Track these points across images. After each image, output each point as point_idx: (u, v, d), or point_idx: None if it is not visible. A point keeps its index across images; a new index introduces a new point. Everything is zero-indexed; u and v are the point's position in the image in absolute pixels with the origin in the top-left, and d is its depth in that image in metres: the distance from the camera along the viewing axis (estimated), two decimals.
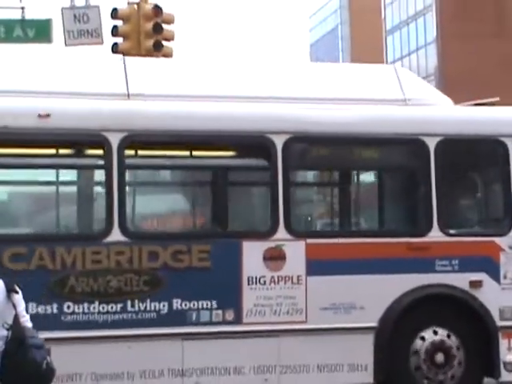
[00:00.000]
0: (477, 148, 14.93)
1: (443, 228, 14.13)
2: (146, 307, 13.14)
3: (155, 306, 13.16)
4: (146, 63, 15.31)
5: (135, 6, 23.70)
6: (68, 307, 12.91)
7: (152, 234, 14.09)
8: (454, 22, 61.70)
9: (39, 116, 12.96)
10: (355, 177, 15.52)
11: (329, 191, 15.41)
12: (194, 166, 14.83)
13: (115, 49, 23.91)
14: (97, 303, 12.97)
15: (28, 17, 23.80)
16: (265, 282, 13.46)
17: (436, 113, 14.90)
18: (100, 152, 13.36)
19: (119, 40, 23.83)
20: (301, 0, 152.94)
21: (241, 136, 13.82)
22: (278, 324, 13.49)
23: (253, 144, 14.00)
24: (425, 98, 14.97)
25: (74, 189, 14.85)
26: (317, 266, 13.59)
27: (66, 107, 13.28)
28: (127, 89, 13.86)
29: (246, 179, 15.53)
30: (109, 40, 23.83)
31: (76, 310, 12.92)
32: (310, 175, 15.21)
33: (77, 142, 13.62)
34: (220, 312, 13.36)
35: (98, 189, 13.75)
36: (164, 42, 23.62)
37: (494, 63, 55.42)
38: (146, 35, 23.22)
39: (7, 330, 8.13)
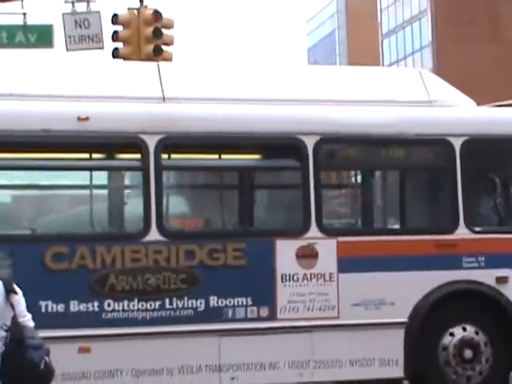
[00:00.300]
0: (500, 147, 14.74)
1: (469, 225, 13.92)
2: (183, 304, 12.94)
3: (192, 304, 12.96)
4: (180, 68, 15.04)
5: (135, 12, 23.50)
6: (108, 305, 12.71)
7: (188, 233, 13.85)
8: (448, 26, 61.72)
9: (79, 119, 12.79)
10: (384, 176, 15.28)
11: (358, 190, 15.21)
12: (228, 166, 14.70)
13: (116, 54, 23.73)
14: (136, 301, 12.78)
15: (30, 22, 23.57)
16: (298, 279, 13.26)
17: (461, 114, 14.71)
18: (137, 154, 13.17)
19: (120, 45, 23.65)
20: (298, 5, 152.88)
21: (273, 137, 13.61)
22: (311, 320, 13.28)
23: (285, 145, 13.79)
24: (449, 99, 14.78)
25: (112, 190, 14.60)
26: (348, 263, 13.41)
27: (104, 110, 13.11)
28: (162, 92, 13.67)
29: (278, 179, 15.40)
30: (109, 45, 23.66)
31: (116, 308, 12.72)
32: (340, 175, 15.04)
33: (115, 144, 13.44)
34: (255, 309, 13.17)
35: (136, 190, 13.54)
36: (164, 47, 23.45)
37: (488, 66, 55.34)
38: (146, 40, 23.04)
39: (6, 331, 8.06)
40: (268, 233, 13.71)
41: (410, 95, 14.55)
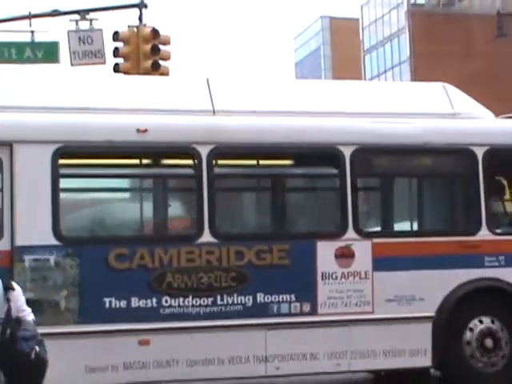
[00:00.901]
0: None
1: (491, 228, 13.84)
2: (233, 301, 12.83)
3: (241, 300, 12.85)
4: (228, 82, 14.86)
5: (135, 29, 23.28)
6: (166, 301, 12.57)
7: (238, 235, 13.60)
8: (424, 43, 61.81)
9: (138, 131, 12.66)
10: (413, 183, 15.05)
11: (391, 196, 15.00)
12: (273, 174, 14.50)
13: (116, 68, 23.46)
14: (190, 297, 12.66)
15: (37, 39, 23.35)
16: (336, 277, 13.16)
17: (482, 125, 14.61)
18: (191, 162, 13.05)
19: (120, 60, 23.35)
20: (286, 23, 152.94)
21: (313, 147, 13.51)
22: (348, 314, 13.18)
23: (324, 154, 13.72)
24: (471, 111, 14.70)
25: (168, 196, 14.54)
26: (382, 262, 13.30)
27: (161, 123, 12.97)
28: (212, 106, 13.53)
29: (318, 186, 15.28)
30: (111, 60, 23.46)
31: (172, 304, 12.59)
32: (374, 182, 14.83)
33: (170, 153, 13.40)
34: (298, 304, 13.04)
35: (190, 195, 13.35)
36: (161, 62, 23.15)
37: (461, 80, 55.02)
38: (145, 56, 22.82)
39: (0, 324, 7.98)
40: (309, 235, 13.56)
41: (437, 108, 14.43)
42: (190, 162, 13.07)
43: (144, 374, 12.44)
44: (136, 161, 13.62)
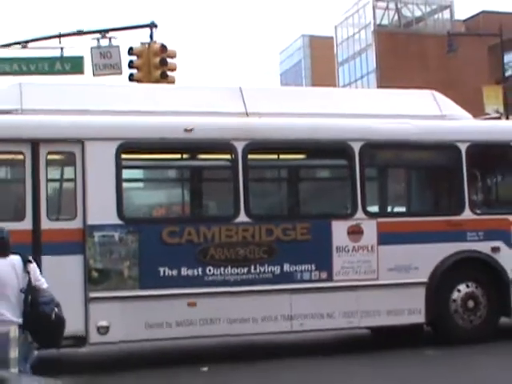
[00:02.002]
0: (495, 150, 14.56)
1: (472, 209, 13.82)
2: (264, 270, 12.74)
3: (271, 269, 12.76)
4: (257, 90, 14.83)
5: (146, 45, 23.01)
6: (209, 270, 12.51)
7: (268, 216, 13.49)
8: (388, 58, 61.66)
9: (185, 130, 12.56)
10: (409, 172, 14.91)
11: (392, 183, 15.19)
12: (296, 165, 14.45)
13: (131, 78, 23.16)
14: (229, 267, 12.60)
15: (65, 54, 23.25)
16: (348, 250, 13.09)
17: (465, 124, 14.57)
18: (229, 156, 13.00)
19: (134, 71, 23.01)
20: (273, 40, 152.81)
21: (329, 143, 13.44)
22: (357, 281, 13.10)
23: (338, 149, 13.60)
24: (455, 113, 14.72)
25: (210, 183, 14.61)
26: (385, 237, 13.23)
27: (205, 123, 12.84)
28: (245, 109, 13.46)
29: (333, 175, 15.23)
30: (126, 71, 23.17)
31: (215, 273, 12.53)
32: (378, 171, 14.74)
33: (212, 148, 13.22)
34: (317, 273, 12.97)
35: (228, 183, 13.13)
36: (169, 72, 22.86)
37: (418, 88, 55.20)
38: (155, 67, 22.55)
39: (23, 292, 7.96)
40: (326, 215, 13.44)
41: (427, 111, 14.36)
42: (228, 155, 13.02)
43: (191, 330, 12.39)
44: (184, 154, 13.66)
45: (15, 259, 8.24)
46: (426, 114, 14.16)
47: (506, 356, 12.35)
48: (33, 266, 8.28)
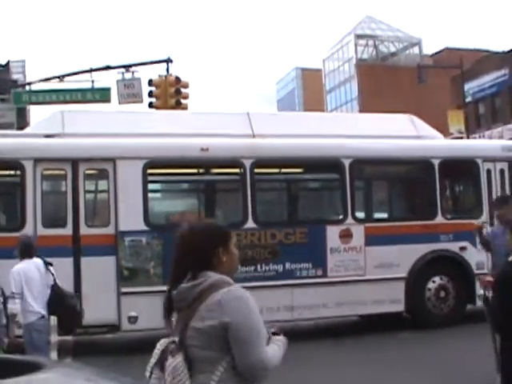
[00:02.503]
0: (462, 165, 14.47)
1: (444, 215, 13.77)
2: (269, 268, 12.67)
3: (275, 268, 12.69)
4: (262, 115, 14.81)
5: (163, 77, 22.74)
6: None
7: (271, 222, 13.39)
8: (368, 86, 61.63)
9: (202, 149, 12.46)
10: (391, 184, 14.88)
11: (378, 193, 15.09)
12: (296, 178, 14.36)
13: (151, 105, 22.86)
14: (239, 266, 12.24)
15: (95, 86, 23.10)
16: (340, 250, 13.00)
17: (437, 143, 14.55)
18: (239, 171, 12.91)
19: (153, 99, 22.82)
20: (270, 72, 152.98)
21: (324, 159, 13.38)
22: (348, 276, 13.00)
23: (331, 164, 13.51)
24: (429, 134, 14.68)
25: (222, 195, 14.55)
26: (371, 239, 13.13)
27: (218, 143, 12.74)
28: (252, 131, 13.36)
29: (327, 186, 15.10)
30: (146, 100, 22.97)
31: None
32: (365, 183, 14.51)
33: (224, 165, 13.21)
34: (314, 270, 12.88)
35: (238, 194, 13.09)
36: (182, 100, 22.66)
37: (392, 112, 55.23)
38: (171, 96, 22.27)
39: (51, 288, 8.29)
40: (321, 221, 13.41)
41: (406, 132, 14.25)
42: (238, 170, 12.94)
43: None
44: (200, 170, 13.54)
45: (38, 261, 8.39)
46: (404, 134, 14.07)
47: (471, 338, 12.24)
48: (52, 268, 8.47)
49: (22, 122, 31.23)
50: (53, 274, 8.35)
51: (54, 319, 8.53)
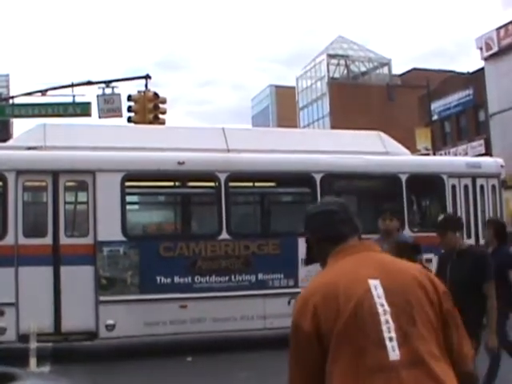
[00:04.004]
0: (429, 180, 14.54)
1: (410, 228, 13.66)
2: (242, 278, 12.68)
3: (248, 278, 12.70)
4: (236, 130, 14.75)
5: (142, 93, 22.74)
6: (197, 279, 12.43)
7: (245, 234, 13.36)
8: (339, 104, 61.92)
9: (178, 163, 12.47)
10: (361, 197, 14.82)
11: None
12: (269, 192, 14.33)
13: (130, 120, 22.80)
14: (214, 276, 12.52)
15: (76, 100, 23.10)
16: None
17: (404, 159, 14.65)
18: (213, 184, 12.92)
19: (132, 114, 22.77)
20: (246, 89, 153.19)
21: (296, 174, 13.40)
22: None
23: (303, 179, 13.52)
24: (397, 150, 14.78)
25: (198, 207, 14.46)
26: None
27: (194, 157, 12.76)
28: (227, 146, 13.43)
29: (298, 199, 14.96)
30: (125, 114, 22.96)
31: (202, 281, 12.45)
32: (336, 197, 14.34)
33: (200, 178, 13.24)
34: (286, 280, 12.90)
35: (213, 206, 13.11)
36: (160, 115, 22.67)
37: (363, 129, 55.52)
38: (149, 111, 22.28)
39: None
40: (293, 233, 13.14)
41: (375, 148, 14.38)
42: (212, 184, 12.96)
43: (183, 327, 12.33)
44: (176, 183, 13.50)
45: None
46: (373, 150, 14.16)
47: None
48: None
49: (5, 134, 31.12)
50: None
51: (33, 327, 8.41)
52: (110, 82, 23.33)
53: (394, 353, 2.51)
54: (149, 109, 22.44)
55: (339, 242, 2.89)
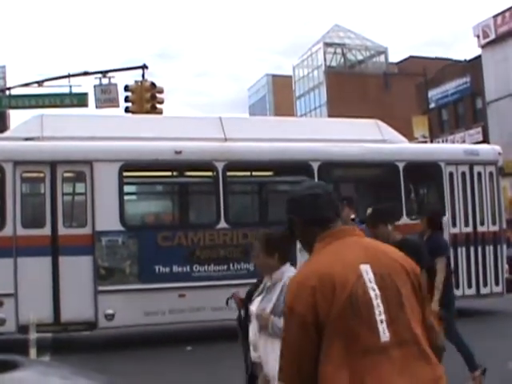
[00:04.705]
0: (426, 168, 14.57)
1: (409, 215, 13.61)
2: (241, 267, 12.65)
3: (246, 266, 12.58)
4: (234, 119, 14.71)
5: (139, 83, 22.65)
6: (196, 268, 12.42)
7: (243, 222, 13.39)
8: (336, 92, 61.76)
9: (175, 152, 12.46)
10: (358, 185, 15.01)
11: (345, 193, 14.68)
12: (267, 181, 14.37)
13: (127, 110, 22.79)
14: (212, 265, 12.51)
15: (73, 91, 22.98)
16: None
17: (402, 147, 14.60)
18: (211, 173, 12.91)
19: (129, 104, 22.70)
20: (243, 78, 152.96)
21: (293, 162, 13.37)
22: None
23: (300, 167, 13.44)
24: (395, 138, 14.72)
25: (196, 196, 14.42)
26: None
27: (191, 146, 12.75)
28: (224, 135, 13.37)
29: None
30: (122, 104, 22.84)
31: (201, 270, 12.43)
32: (333, 185, 14.26)
33: (197, 167, 13.11)
34: None
35: (211, 196, 13.08)
36: (157, 105, 22.59)
37: (360, 118, 55.36)
38: (146, 101, 22.22)
39: None
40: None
41: (372, 136, 14.34)
42: (210, 173, 12.95)
43: (182, 316, 12.33)
44: (174, 172, 13.51)
45: None
46: (370, 138, 14.15)
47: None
48: None
49: (2, 125, 31.02)
50: None
51: (33, 317, 8.37)
52: (107, 72, 23.27)
53: (384, 335, 2.58)
54: (146, 99, 22.39)
55: (325, 225, 2.88)
